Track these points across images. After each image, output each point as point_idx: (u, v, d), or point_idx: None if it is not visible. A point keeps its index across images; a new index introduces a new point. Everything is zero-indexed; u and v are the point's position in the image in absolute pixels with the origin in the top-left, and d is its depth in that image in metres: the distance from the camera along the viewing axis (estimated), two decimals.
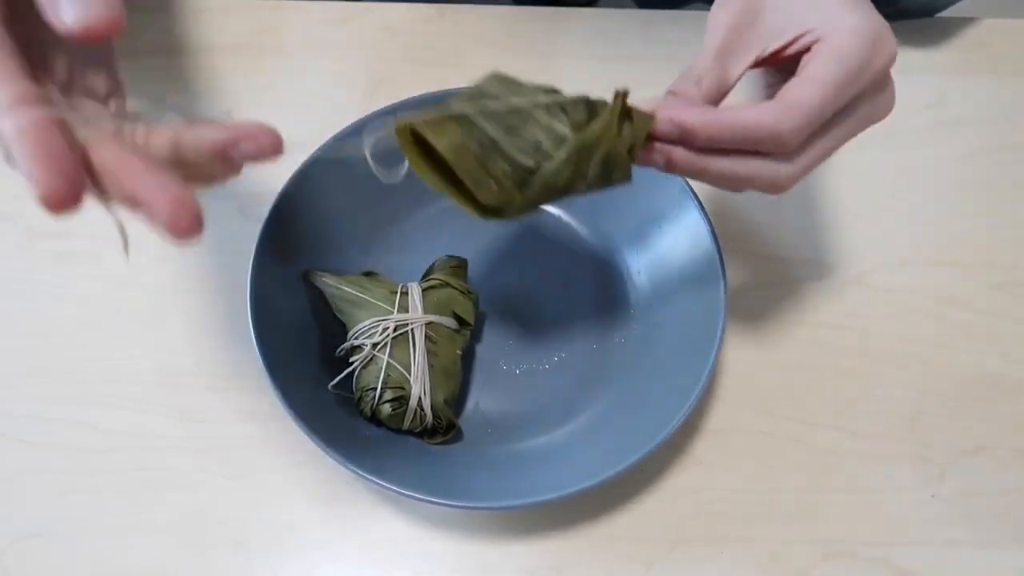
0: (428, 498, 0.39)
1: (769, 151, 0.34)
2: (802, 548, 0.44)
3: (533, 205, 0.36)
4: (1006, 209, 0.55)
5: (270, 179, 0.53)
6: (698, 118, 0.33)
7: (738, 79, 0.36)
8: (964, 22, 0.61)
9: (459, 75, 0.60)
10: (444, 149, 0.34)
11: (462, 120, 0.35)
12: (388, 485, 0.39)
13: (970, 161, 0.56)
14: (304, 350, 0.45)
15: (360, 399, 0.44)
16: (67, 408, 0.47)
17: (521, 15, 0.62)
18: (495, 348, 0.49)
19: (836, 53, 0.33)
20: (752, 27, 0.36)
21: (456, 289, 0.47)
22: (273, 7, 0.62)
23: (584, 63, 0.59)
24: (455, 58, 0.60)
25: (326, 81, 0.58)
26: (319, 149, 0.47)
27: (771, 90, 0.40)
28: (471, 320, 0.47)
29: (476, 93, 0.36)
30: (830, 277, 0.52)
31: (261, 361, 0.42)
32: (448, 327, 0.45)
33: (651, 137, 0.36)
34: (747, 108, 0.33)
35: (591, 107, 0.36)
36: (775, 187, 0.36)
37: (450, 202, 0.36)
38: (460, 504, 0.40)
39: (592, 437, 0.45)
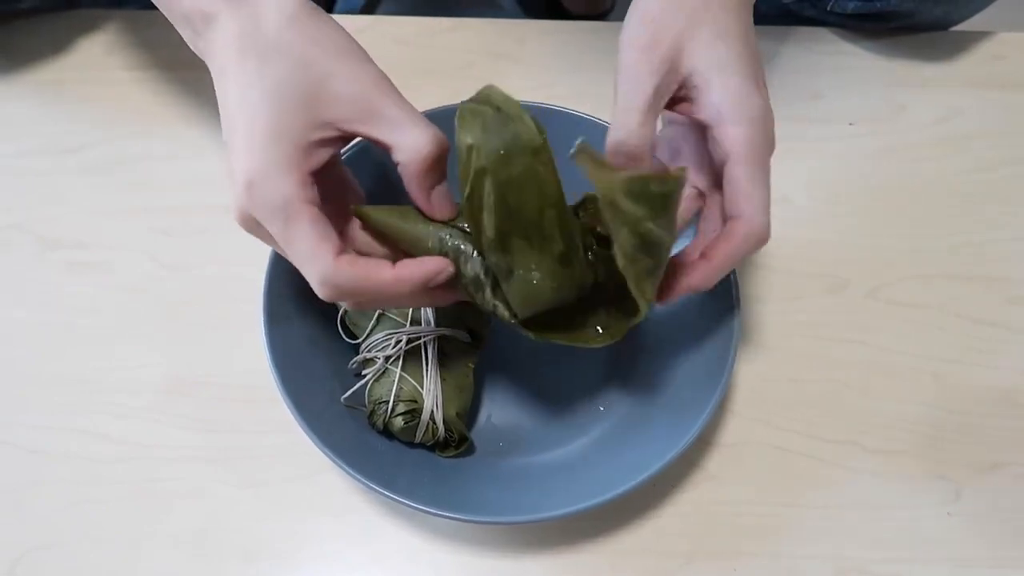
0: (440, 512, 0.39)
1: None
2: (816, 564, 0.44)
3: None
4: (1021, 223, 0.54)
5: None
6: (703, 276, 0.38)
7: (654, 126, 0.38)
8: (978, 36, 0.61)
9: (471, 87, 0.60)
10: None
11: None
12: (400, 499, 0.39)
13: (985, 174, 0.56)
14: (317, 362, 0.45)
15: (372, 412, 0.44)
16: (78, 418, 0.48)
17: (532, 28, 0.62)
18: (507, 362, 0.49)
19: (748, 151, 0.36)
20: (670, 75, 0.37)
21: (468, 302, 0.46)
22: None
23: (596, 75, 0.59)
24: (467, 70, 0.60)
25: None
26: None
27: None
28: (484, 334, 0.46)
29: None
30: (844, 291, 0.52)
31: (274, 373, 0.41)
32: (461, 340, 0.45)
33: None
34: (725, 241, 0.37)
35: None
36: None
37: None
38: (472, 519, 0.40)
39: (605, 451, 0.44)
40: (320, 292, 0.35)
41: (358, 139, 0.36)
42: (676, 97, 0.38)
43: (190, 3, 0.36)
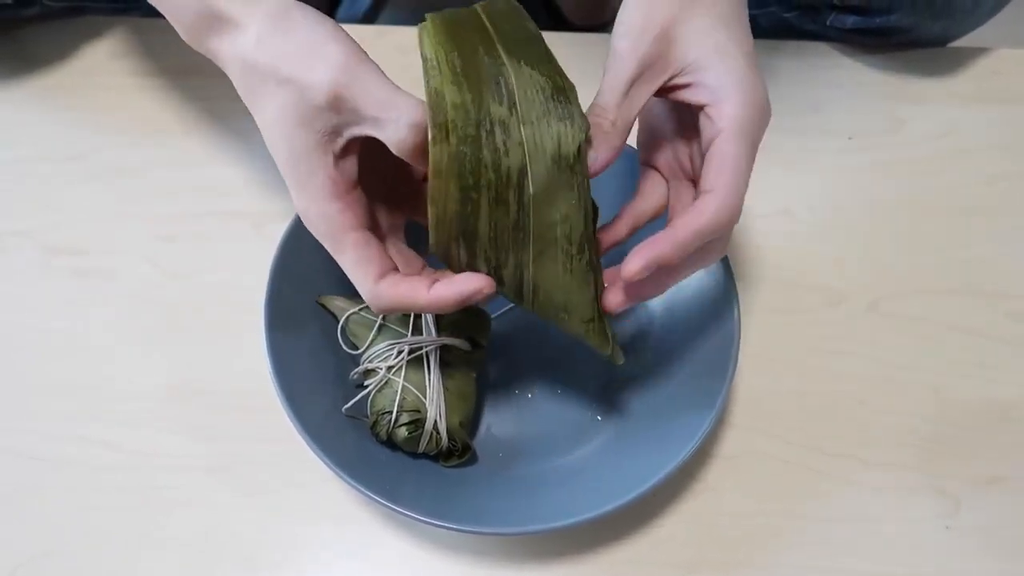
0: (442, 524, 0.39)
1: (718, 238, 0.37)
2: None
3: None
4: (1020, 238, 0.55)
5: (284, 200, 0.53)
6: (670, 248, 0.35)
7: (639, 111, 0.37)
8: (977, 52, 0.61)
9: None
10: None
11: None
12: (404, 511, 0.39)
13: (984, 189, 0.56)
14: (318, 373, 0.45)
15: (376, 422, 0.44)
16: (79, 425, 0.48)
17: None
18: (507, 372, 0.49)
19: (735, 128, 0.35)
20: (660, 60, 0.37)
21: (469, 311, 0.47)
22: None
23: (597, 86, 0.60)
24: None
25: None
26: None
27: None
28: (484, 343, 0.47)
29: None
30: (844, 304, 0.52)
31: (276, 385, 0.42)
32: (462, 349, 0.45)
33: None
34: (694, 215, 0.35)
35: None
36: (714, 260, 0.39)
37: None
38: (473, 530, 0.40)
39: (605, 462, 0.44)
40: (371, 307, 0.38)
41: None
42: (672, 85, 0.38)
43: (192, 38, 0.38)
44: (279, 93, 0.35)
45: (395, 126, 0.34)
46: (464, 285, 0.36)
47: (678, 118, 0.40)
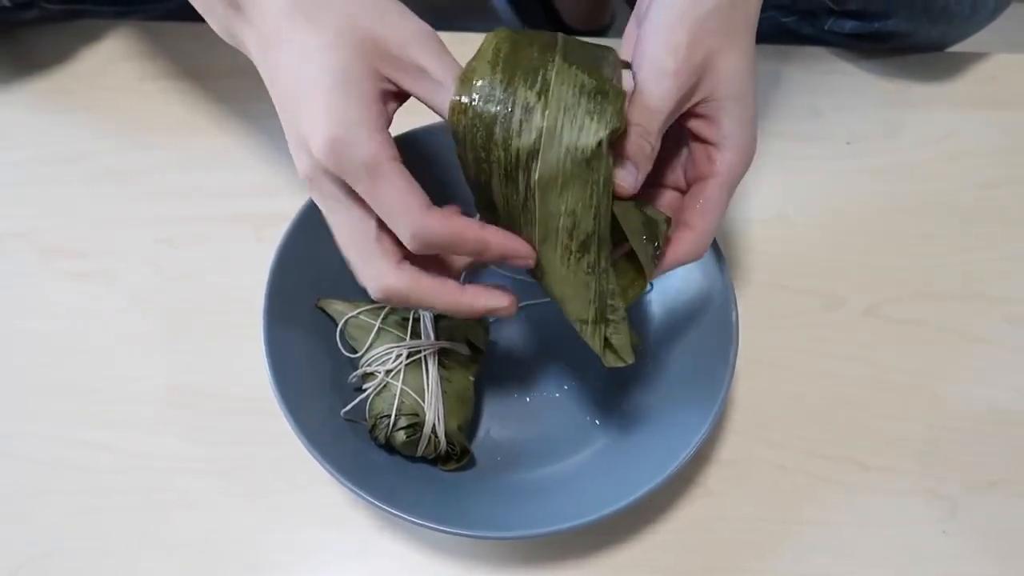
0: (440, 527, 0.39)
1: None
2: None
3: None
4: (1018, 242, 0.55)
5: (284, 203, 0.53)
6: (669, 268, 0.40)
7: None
8: (975, 57, 0.62)
9: None
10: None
11: None
12: (402, 514, 0.39)
13: (982, 194, 0.57)
14: (316, 376, 0.45)
15: (374, 426, 0.44)
16: (80, 428, 0.48)
17: None
18: (506, 376, 0.49)
19: (729, 178, 0.39)
20: (695, 86, 0.37)
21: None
22: None
23: None
24: None
25: None
26: None
27: None
28: (483, 347, 0.47)
29: None
30: (842, 309, 0.52)
31: (274, 389, 0.42)
32: (461, 353, 0.45)
33: None
34: (674, 247, 0.39)
35: None
36: None
37: None
38: (471, 534, 0.40)
39: (603, 467, 0.44)
40: (410, 246, 0.35)
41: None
42: (690, 112, 0.38)
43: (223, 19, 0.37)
44: (343, 22, 0.34)
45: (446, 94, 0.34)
46: (522, 247, 0.36)
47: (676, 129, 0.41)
